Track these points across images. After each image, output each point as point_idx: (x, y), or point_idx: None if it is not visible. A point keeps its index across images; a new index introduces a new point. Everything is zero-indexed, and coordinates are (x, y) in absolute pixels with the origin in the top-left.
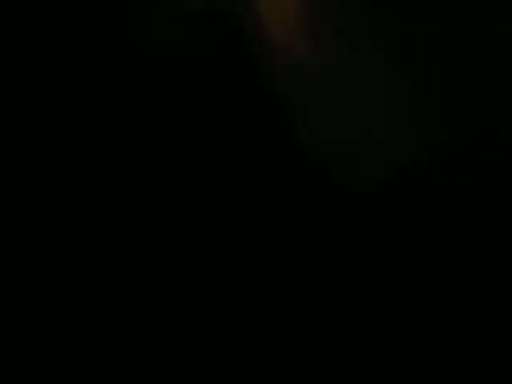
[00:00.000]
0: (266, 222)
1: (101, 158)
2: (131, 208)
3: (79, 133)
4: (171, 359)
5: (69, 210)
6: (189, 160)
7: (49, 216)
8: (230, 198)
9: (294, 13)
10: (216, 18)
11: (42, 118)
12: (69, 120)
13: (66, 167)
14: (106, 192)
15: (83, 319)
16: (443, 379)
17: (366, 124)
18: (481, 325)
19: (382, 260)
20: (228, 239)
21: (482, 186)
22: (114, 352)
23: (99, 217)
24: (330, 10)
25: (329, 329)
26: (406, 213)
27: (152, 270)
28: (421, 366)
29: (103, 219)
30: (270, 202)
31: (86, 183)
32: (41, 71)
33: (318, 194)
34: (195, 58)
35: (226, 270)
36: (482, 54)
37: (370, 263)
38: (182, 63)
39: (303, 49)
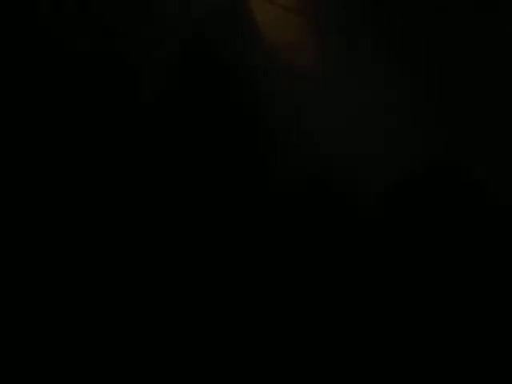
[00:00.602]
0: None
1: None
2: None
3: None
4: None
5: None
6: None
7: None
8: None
9: (294, 12)
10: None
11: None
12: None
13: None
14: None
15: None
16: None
17: (366, 125)
18: (480, 324)
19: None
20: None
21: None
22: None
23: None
24: (332, 9)
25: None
26: (406, 213)
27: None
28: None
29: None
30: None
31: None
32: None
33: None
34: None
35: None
36: (482, 53)
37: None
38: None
39: (303, 48)
